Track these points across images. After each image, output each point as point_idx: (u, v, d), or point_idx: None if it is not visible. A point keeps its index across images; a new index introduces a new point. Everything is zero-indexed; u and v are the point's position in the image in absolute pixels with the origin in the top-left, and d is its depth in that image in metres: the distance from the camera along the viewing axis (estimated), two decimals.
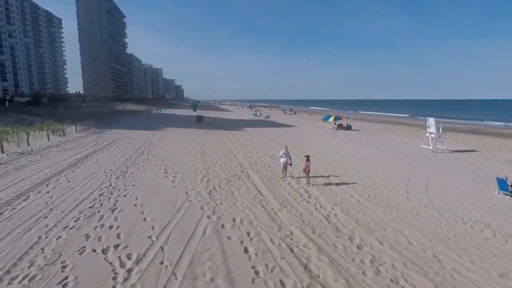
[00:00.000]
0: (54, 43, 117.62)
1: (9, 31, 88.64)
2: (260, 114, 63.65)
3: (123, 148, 17.76)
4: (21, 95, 76.84)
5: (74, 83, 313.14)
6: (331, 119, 33.28)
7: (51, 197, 9.07)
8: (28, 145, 17.34)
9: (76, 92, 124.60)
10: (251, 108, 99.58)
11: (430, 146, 20.47)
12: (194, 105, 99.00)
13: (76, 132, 23.54)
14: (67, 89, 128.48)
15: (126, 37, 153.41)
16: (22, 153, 15.32)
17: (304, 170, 11.56)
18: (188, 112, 67.45)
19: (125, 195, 9.48)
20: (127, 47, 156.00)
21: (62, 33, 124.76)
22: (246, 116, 59.12)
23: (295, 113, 74.95)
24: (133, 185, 10.64)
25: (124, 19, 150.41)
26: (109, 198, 9.15)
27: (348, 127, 32.66)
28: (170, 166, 13.71)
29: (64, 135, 22.17)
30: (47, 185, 10.20)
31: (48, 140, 19.57)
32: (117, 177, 11.50)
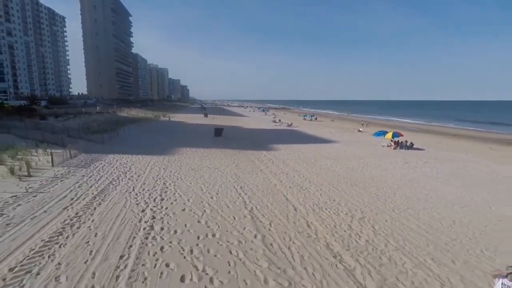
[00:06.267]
0: (56, 42, 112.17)
1: (7, 29, 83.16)
2: (280, 120, 56.69)
3: (117, 214, 9.18)
4: (17, 97, 71.20)
5: (79, 84, 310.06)
6: (389, 135, 25.83)
7: None
8: None
9: (79, 93, 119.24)
10: (264, 112, 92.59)
11: None
12: (203, 108, 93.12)
13: (52, 165, 14.33)
14: (70, 90, 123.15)
15: (132, 36, 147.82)
16: None
17: None
18: (199, 117, 60.83)
19: None
20: (133, 46, 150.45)
21: (65, 32, 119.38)
22: (264, 123, 52.20)
23: (316, 118, 67.99)
24: None
25: (130, 18, 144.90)
26: None
27: (410, 146, 25.42)
28: None
29: (29, 175, 12.52)
30: None
31: None
32: None
